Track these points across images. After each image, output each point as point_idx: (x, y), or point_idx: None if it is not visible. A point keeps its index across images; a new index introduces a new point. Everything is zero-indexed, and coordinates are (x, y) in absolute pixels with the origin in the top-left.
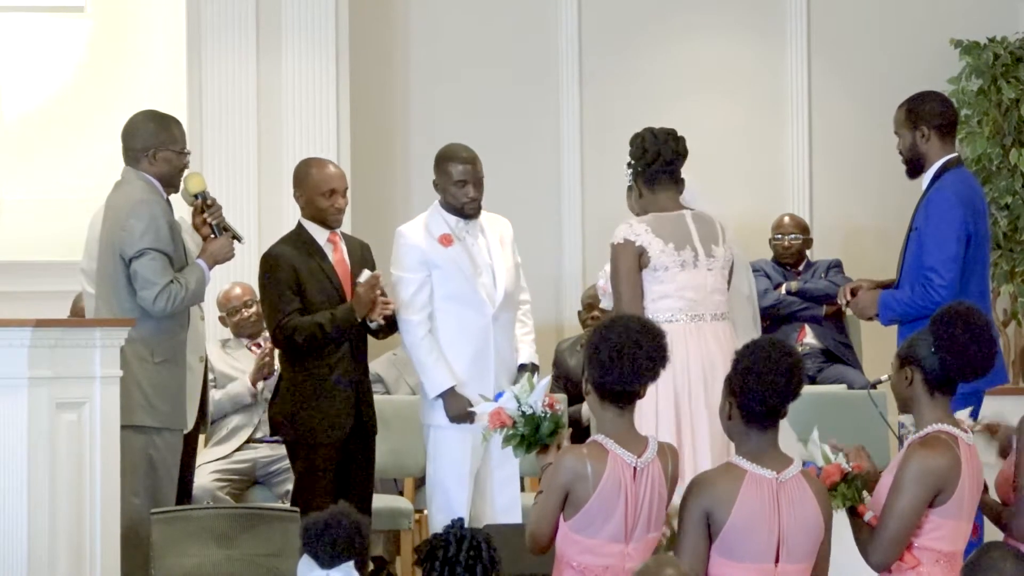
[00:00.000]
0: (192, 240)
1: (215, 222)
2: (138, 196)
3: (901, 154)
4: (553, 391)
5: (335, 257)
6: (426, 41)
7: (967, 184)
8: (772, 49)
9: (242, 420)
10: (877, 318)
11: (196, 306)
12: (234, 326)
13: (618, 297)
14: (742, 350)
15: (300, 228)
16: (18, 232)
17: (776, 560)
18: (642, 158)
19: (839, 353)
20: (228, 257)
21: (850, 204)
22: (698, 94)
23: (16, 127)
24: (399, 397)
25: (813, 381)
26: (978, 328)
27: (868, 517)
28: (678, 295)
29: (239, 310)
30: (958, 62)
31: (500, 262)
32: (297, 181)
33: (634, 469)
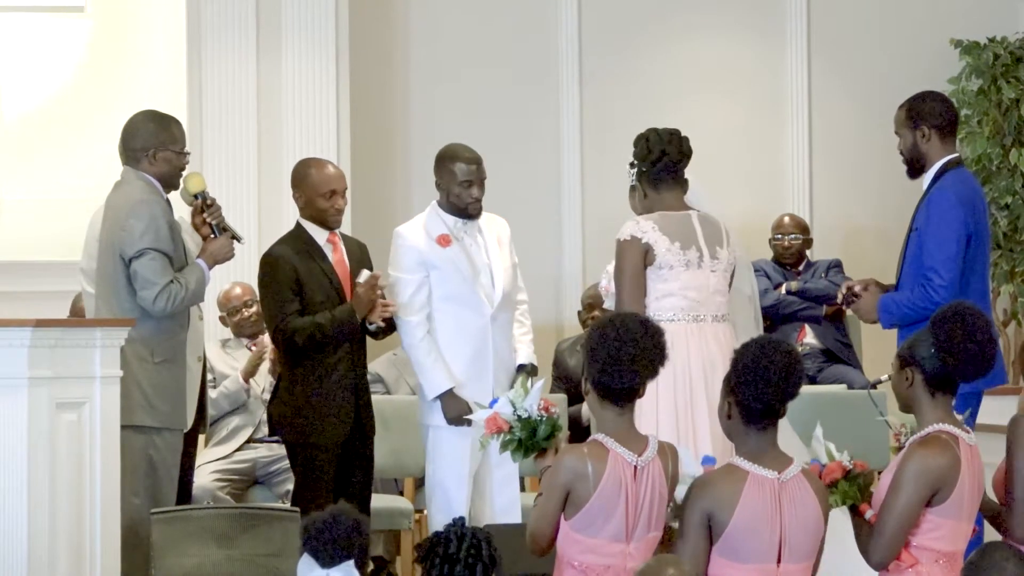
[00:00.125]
0: (192, 240)
1: (215, 222)
2: (138, 196)
3: (902, 154)
4: (553, 391)
5: (335, 257)
6: (426, 41)
7: (967, 184)
8: (772, 49)
9: (242, 420)
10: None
11: (195, 306)
12: (234, 326)
13: (620, 293)
14: (740, 349)
15: (299, 228)
16: (18, 232)
17: (778, 560)
18: (646, 158)
19: (839, 353)
20: (228, 257)
21: (850, 204)
22: (698, 94)
23: (16, 127)
24: (399, 397)
25: (813, 381)
26: (978, 328)
27: (869, 515)
28: (681, 294)
29: (239, 310)
30: (958, 62)
31: (498, 262)
32: (296, 182)
33: (634, 468)
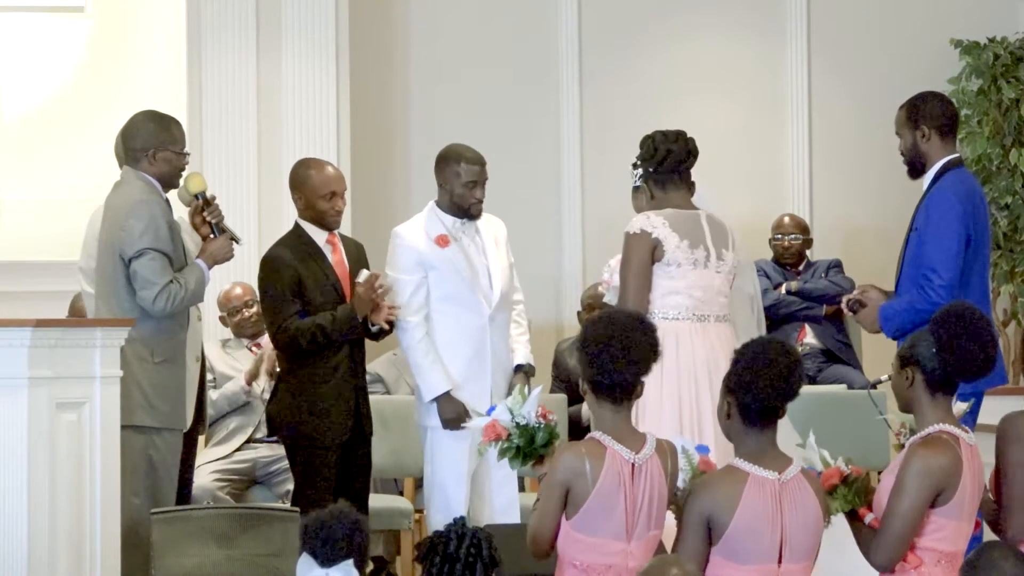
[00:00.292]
0: (192, 240)
1: (215, 221)
2: (137, 196)
3: (902, 155)
4: (553, 391)
5: (334, 258)
6: (426, 41)
7: (967, 184)
8: (772, 49)
9: (242, 420)
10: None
11: (194, 306)
12: (234, 326)
13: (624, 287)
14: (740, 349)
15: (298, 229)
16: (18, 232)
17: (779, 560)
18: (652, 158)
19: (839, 353)
20: (227, 257)
21: (850, 204)
22: (698, 94)
23: (16, 127)
24: (399, 397)
25: (813, 381)
26: (978, 328)
27: (869, 520)
28: (687, 293)
29: (240, 310)
30: (958, 62)
31: (496, 263)
32: (295, 183)
33: (632, 465)
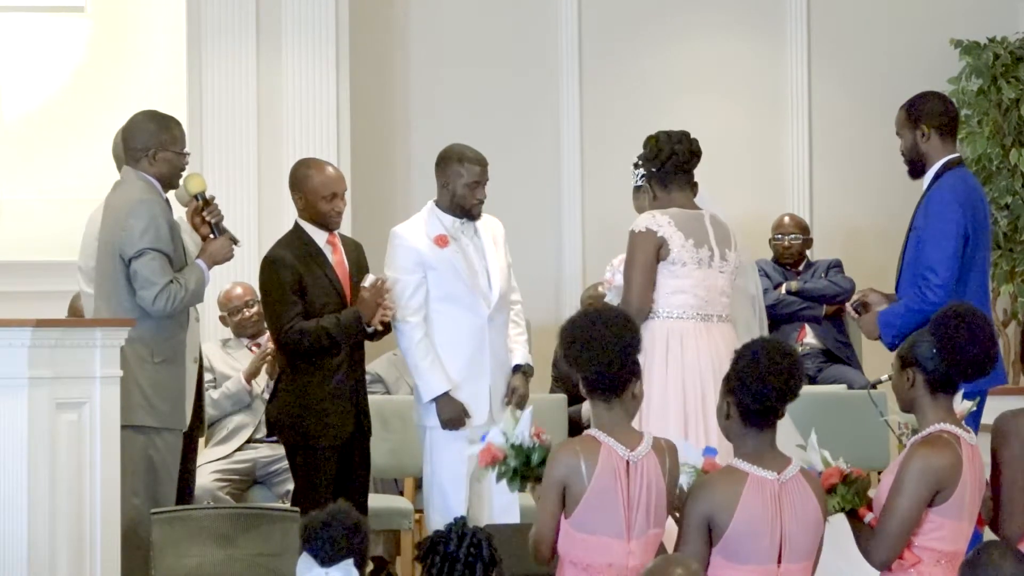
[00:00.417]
0: (191, 240)
1: (214, 221)
2: (137, 196)
3: (903, 155)
4: (553, 391)
5: (335, 259)
6: (426, 41)
7: (966, 184)
8: (772, 49)
9: (242, 420)
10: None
11: (192, 308)
12: (235, 326)
13: (629, 285)
14: (740, 349)
15: (299, 230)
16: (18, 232)
17: (778, 560)
18: (656, 158)
19: (839, 353)
20: (227, 258)
21: (850, 204)
22: (698, 94)
23: (16, 127)
24: (399, 397)
25: (813, 381)
26: (978, 328)
27: (869, 519)
28: (692, 292)
29: (240, 310)
30: (958, 62)
31: (494, 263)
32: (295, 184)
33: (627, 462)
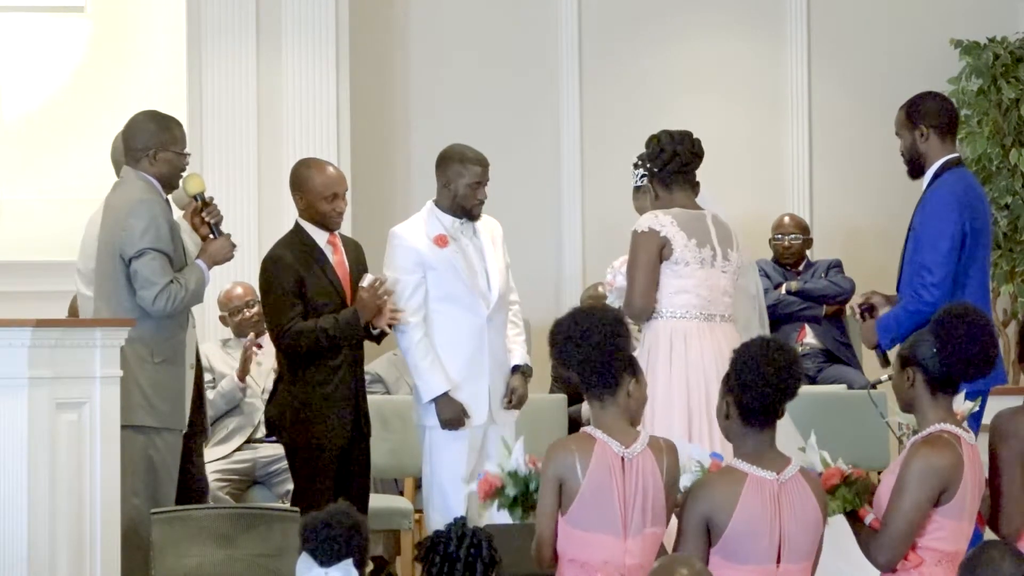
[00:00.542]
0: (191, 240)
1: (214, 221)
2: (137, 196)
3: (902, 155)
4: (552, 391)
5: (335, 259)
6: (426, 41)
7: (965, 183)
8: (772, 49)
9: (242, 420)
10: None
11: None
12: (235, 326)
13: (632, 285)
14: (740, 349)
15: (299, 230)
16: (18, 232)
17: (778, 560)
18: (658, 159)
19: (839, 353)
20: (227, 258)
21: (850, 204)
22: (698, 94)
23: (16, 127)
24: (399, 397)
25: (813, 381)
26: (979, 328)
27: (869, 520)
28: (695, 292)
29: (241, 310)
30: (958, 62)
31: (494, 263)
32: (296, 184)
33: (622, 459)
